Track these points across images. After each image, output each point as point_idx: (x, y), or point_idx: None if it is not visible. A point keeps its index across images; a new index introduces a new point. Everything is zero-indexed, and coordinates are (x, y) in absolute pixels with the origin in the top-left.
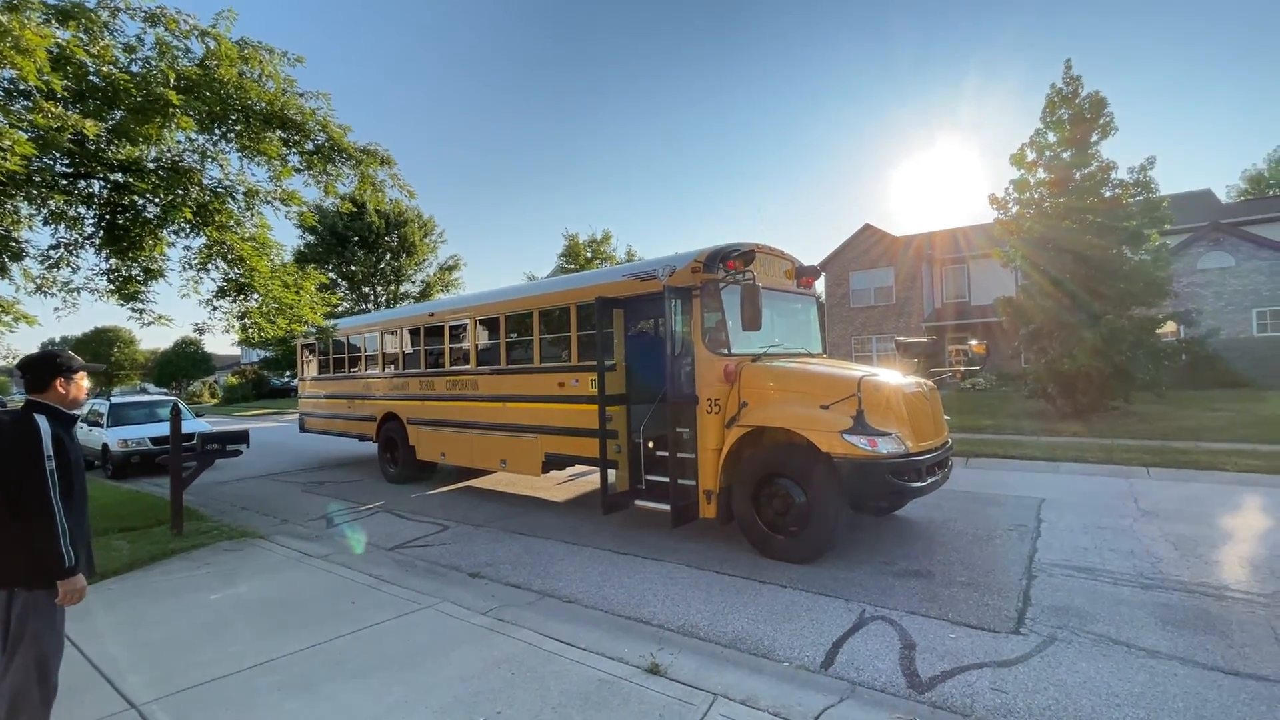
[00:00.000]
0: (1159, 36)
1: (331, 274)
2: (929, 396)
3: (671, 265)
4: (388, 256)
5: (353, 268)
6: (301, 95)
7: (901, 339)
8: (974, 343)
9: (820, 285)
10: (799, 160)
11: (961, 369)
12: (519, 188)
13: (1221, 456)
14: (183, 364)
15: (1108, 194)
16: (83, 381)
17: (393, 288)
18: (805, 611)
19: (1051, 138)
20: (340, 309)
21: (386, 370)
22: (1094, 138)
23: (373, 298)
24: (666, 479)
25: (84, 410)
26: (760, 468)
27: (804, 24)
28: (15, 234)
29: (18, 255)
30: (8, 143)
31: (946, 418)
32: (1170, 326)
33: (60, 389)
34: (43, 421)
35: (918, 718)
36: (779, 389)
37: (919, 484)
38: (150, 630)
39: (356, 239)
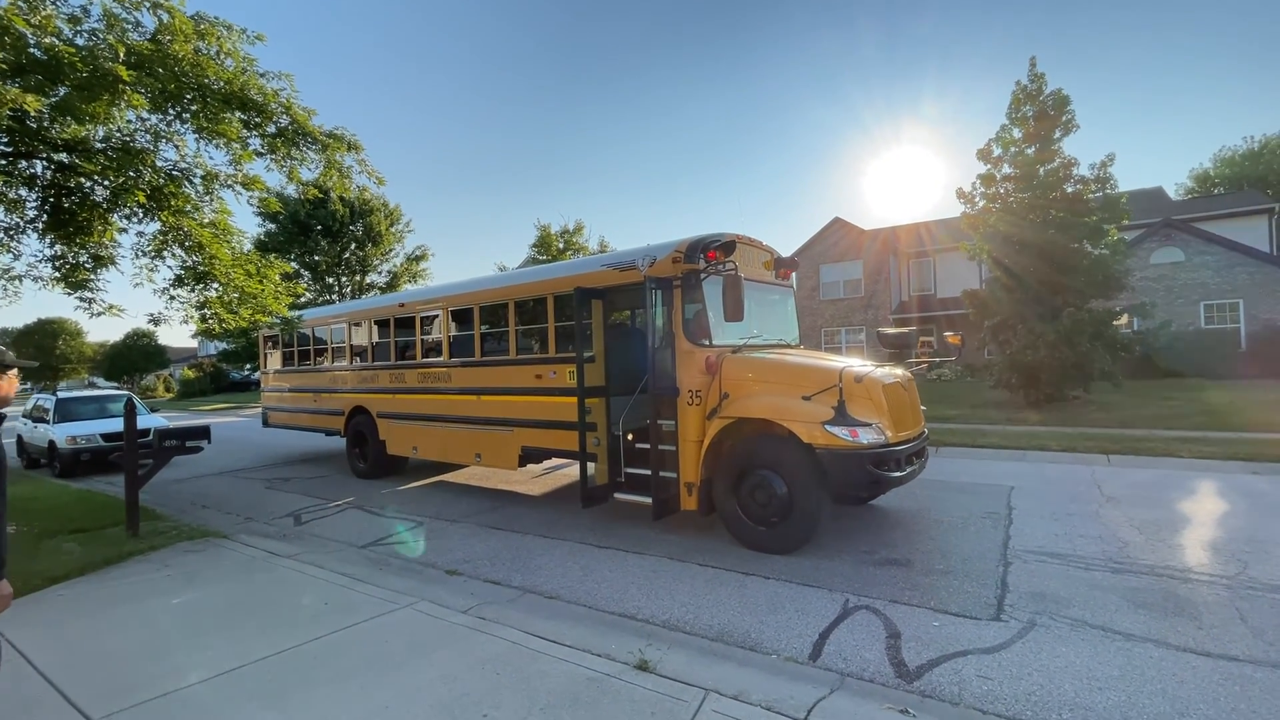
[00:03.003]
0: (1113, 36)
1: (294, 264)
2: (907, 387)
3: (652, 256)
4: (352, 246)
5: (316, 258)
6: (263, 75)
7: (882, 330)
8: (949, 334)
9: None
10: (767, 154)
11: (929, 360)
12: (488, 179)
13: (1176, 444)
14: (135, 357)
15: (1069, 189)
16: (14, 378)
17: (358, 278)
18: (790, 603)
19: (1016, 134)
20: (304, 300)
21: (355, 363)
22: (1056, 134)
23: (337, 288)
24: (646, 471)
25: (22, 407)
26: (741, 459)
27: (772, 19)
28: None
29: None
30: None
31: (923, 408)
32: (1124, 319)
33: None
34: None
35: (910, 709)
36: (760, 380)
37: (898, 474)
38: (107, 639)
39: (320, 228)
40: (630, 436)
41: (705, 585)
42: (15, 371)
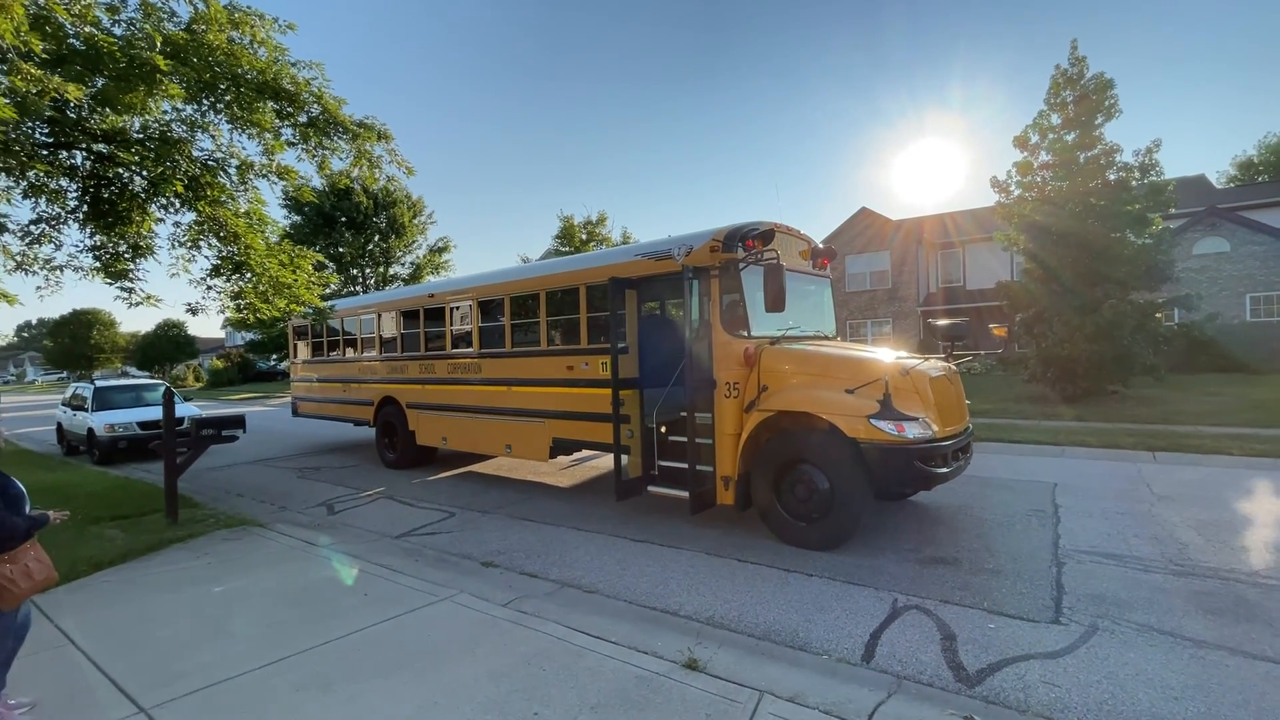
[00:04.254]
0: (1153, 19)
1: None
2: (953, 380)
3: (688, 244)
4: (376, 238)
5: (340, 249)
6: (294, 65)
7: (936, 321)
8: (994, 326)
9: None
10: (792, 146)
11: (974, 353)
12: (508, 172)
13: (1225, 441)
14: (165, 347)
15: (1112, 177)
16: None
17: (381, 270)
18: (836, 601)
19: (1055, 120)
20: (329, 290)
21: (384, 353)
22: (1098, 120)
23: (361, 280)
24: (679, 464)
25: (60, 395)
26: (781, 453)
27: (794, 15)
28: None
29: None
30: None
31: (969, 402)
32: (1166, 312)
33: None
34: None
35: (976, 715)
36: (801, 372)
37: (945, 469)
38: (154, 626)
39: (344, 220)
40: (664, 429)
41: (746, 582)
42: None
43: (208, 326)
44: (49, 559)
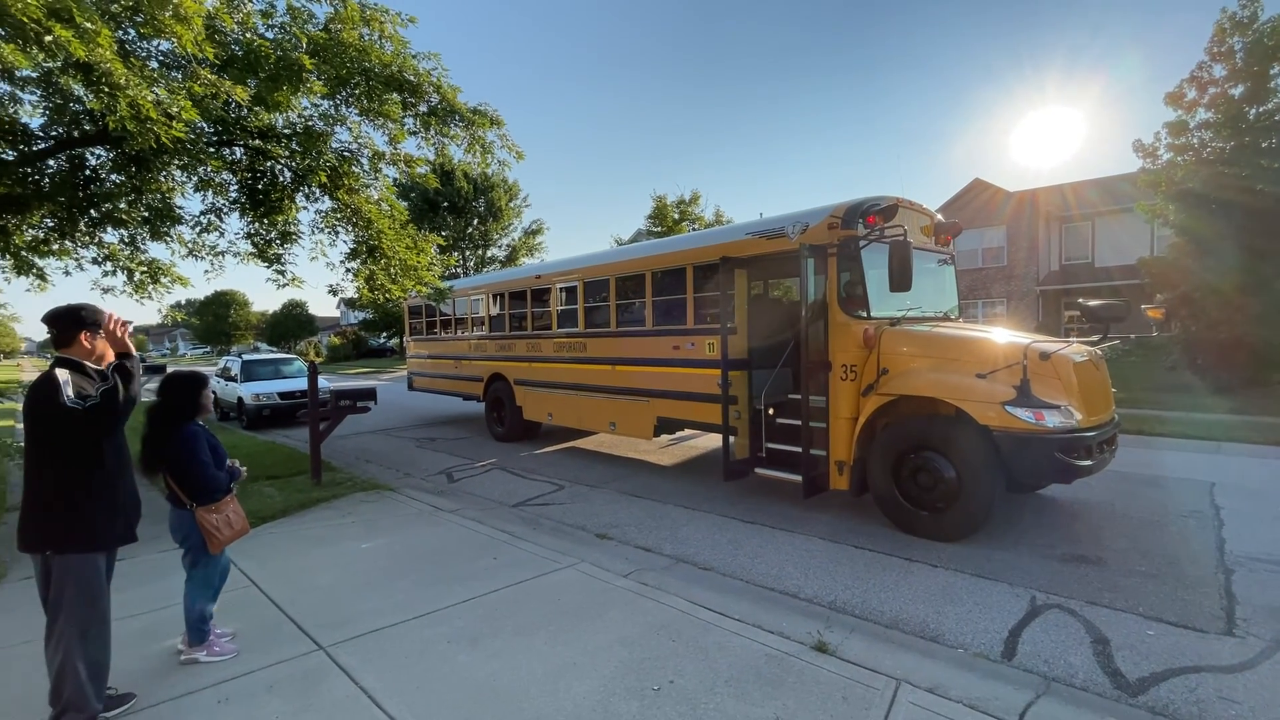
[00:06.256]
0: None
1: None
2: (1099, 366)
3: (804, 222)
4: (475, 221)
5: (443, 233)
6: (415, 57)
7: (1086, 301)
8: (1148, 307)
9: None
10: (895, 114)
11: (1119, 337)
12: (603, 152)
13: None
14: (290, 325)
15: None
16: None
17: (480, 252)
18: (966, 595)
19: (1219, 71)
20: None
21: (493, 331)
22: (1273, 70)
23: (461, 263)
24: (786, 447)
25: (219, 365)
26: (902, 439)
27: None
28: (171, 200)
29: (177, 220)
30: (176, 109)
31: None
32: None
33: (85, 343)
34: (63, 376)
35: None
36: (925, 355)
37: (1088, 462)
38: (317, 575)
39: (446, 204)
40: (771, 411)
41: (866, 569)
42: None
43: (323, 306)
44: (244, 511)
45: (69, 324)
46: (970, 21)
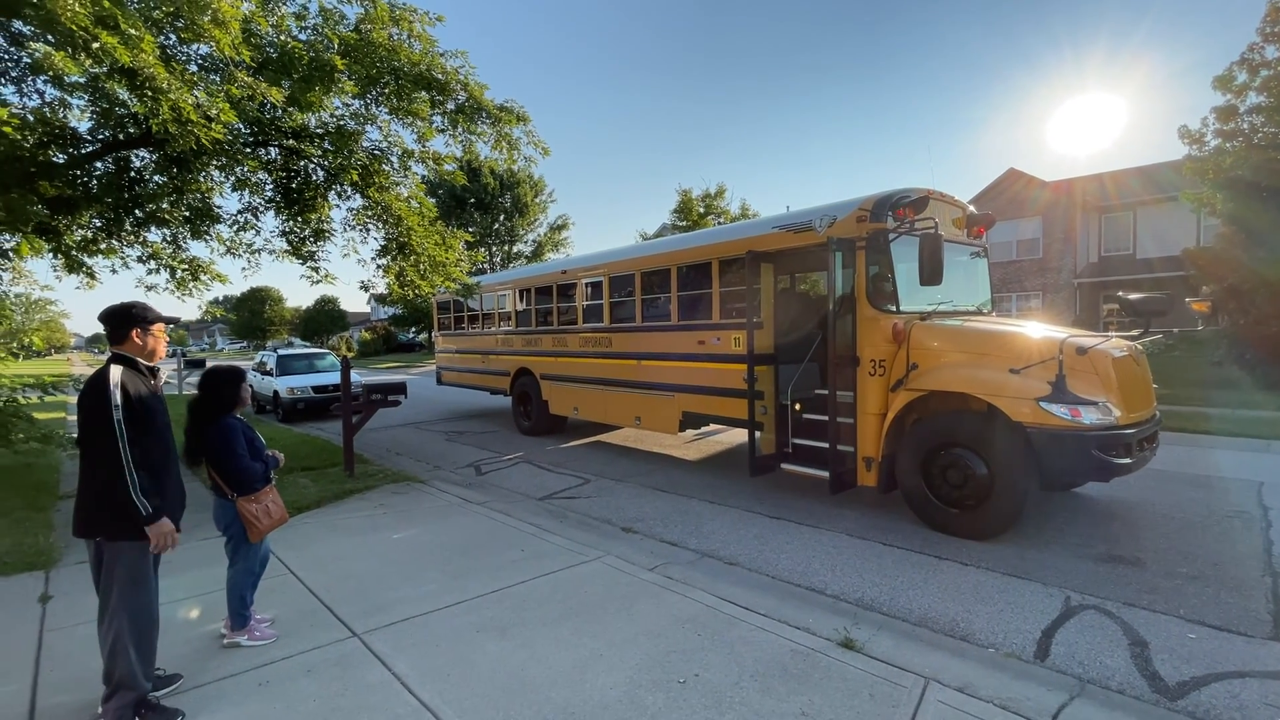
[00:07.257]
0: None
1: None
2: (1139, 362)
3: (831, 215)
4: (501, 217)
5: (470, 229)
6: (442, 55)
7: (1126, 294)
8: (1193, 300)
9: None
10: (927, 104)
11: (1163, 331)
12: (627, 147)
13: None
14: (322, 320)
15: None
16: (161, 333)
17: (506, 248)
18: (997, 593)
19: (1271, 53)
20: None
21: (520, 326)
22: None
23: (487, 258)
24: (813, 442)
25: (256, 359)
26: (931, 435)
27: None
28: (211, 200)
29: (216, 219)
30: (214, 111)
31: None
32: None
33: (137, 340)
34: (116, 373)
35: None
36: (956, 350)
37: (1127, 460)
38: (351, 564)
39: (473, 201)
40: (798, 406)
41: (894, 566)
42: (161, 327)
43: (354, 301)
44: (282, 501)
45: (122, 321)
46: (1008, 5)
